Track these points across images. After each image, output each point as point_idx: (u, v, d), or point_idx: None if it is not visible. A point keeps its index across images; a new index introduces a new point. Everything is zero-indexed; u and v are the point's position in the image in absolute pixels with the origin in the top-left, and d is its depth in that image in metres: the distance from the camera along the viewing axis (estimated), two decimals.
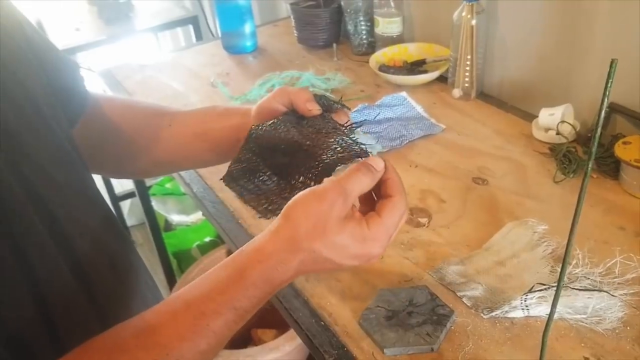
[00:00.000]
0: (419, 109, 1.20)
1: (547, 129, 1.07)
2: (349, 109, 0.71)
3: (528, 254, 0.81)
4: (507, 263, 0.80)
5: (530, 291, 0.73)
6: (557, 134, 1.05)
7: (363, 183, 0.54)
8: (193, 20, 2.14)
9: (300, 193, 0.53)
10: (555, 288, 0.73)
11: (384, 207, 0.54)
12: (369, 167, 0.54)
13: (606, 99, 0.39)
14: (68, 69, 0.66)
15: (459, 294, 0.76)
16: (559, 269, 0.77)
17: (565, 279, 0.75)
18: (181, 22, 2.15)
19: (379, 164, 0.55)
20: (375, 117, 1.18)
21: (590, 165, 0.42)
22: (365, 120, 1.17)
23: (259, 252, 0.52)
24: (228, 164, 0.74)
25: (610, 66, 0.38)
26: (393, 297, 0.76)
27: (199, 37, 2.16)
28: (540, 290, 0.73)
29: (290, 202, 0.53)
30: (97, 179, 2.06)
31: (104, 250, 0.59)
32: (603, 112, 0.40)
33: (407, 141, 1.11)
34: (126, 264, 0.65)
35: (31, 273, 0.47)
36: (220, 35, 1.62)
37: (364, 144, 0.60)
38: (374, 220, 0.54)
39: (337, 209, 0.51)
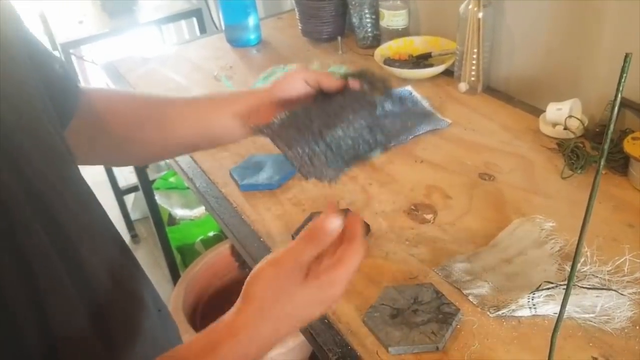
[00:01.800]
0: (425, 103, 1.19)
1: (554, 124, 1.05)
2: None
3: (535, 252, 0.80)
4: (514, 260, 0.79)
5: (537, 289, 0.72)
6: (565, 129, 1.03)
7: (314, 250, 0.54)
8: (197, 13, 2.12)
9: (255, 268, 0.54)
10: (563, 287, 0.72)
11: (345, 254, 0.54)
12: (318, 236, 0.53)
13: (620, 94, 0.38)
14: (58, 67, 0.65)
15: (465, 292, 0.75)
16: (567, 267, 0.76)
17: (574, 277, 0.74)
18: (185, 15, 2.14)
19: (333, 224, 0.53)
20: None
21: (602, 163, 0.41)
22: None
23: (230, 327, 0.51)
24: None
25: (625, 60, 0.37)
26: (398, 295, 0.75)
27: (202, 30, 2.14)
28: (548, 288, 0.72)
29: (247, 279, 0.53)
30: (101, 174, 2.04)
31: (103, 256, 0.57)
32: (616, 108, 0.39)
33: (413, 136, 1.09)
34: (125, 272, 0.63)
35: (33, 282, 0.46)
36: (224, 28, 1.60)
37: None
38: (335, 267, 0.54)
39: (294, 279, 0.52)
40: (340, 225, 0.54)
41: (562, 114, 1.03)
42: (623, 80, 0.37)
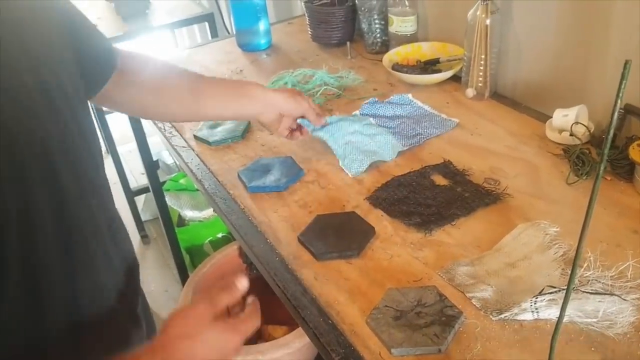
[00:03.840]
0: (427, 108, 1.20)
1: (560, 130, 1.05)
2: None
3: (539, 256, 0.80)
4: (518, 265, 0.80)
5: (540, 294, 0.72)
6: (571, 135, 1.03)
7: (225, 300, 0.65)
8: (209, 18, 2.15)
9: (176, 309, 0.65)
10: (565, 291, 0.73)
11: (251, 313, 0.68)
12: (230, 289, 0.66)
13: (619, 100, 0.39)
14: (95, 36, 0.78)
15: (468, 295, 0.76)
16: (570, 272, 0.76)
17: (576, 281, 0.75)
18: (197, 19, 2.16)
19: (242, 283, 0.67)
20: (386, 112, 1.18)
21: (602, 167, 0.41)
22: (376, 113, 1.18)
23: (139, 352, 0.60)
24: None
25: (624, 67, 0.38)
26: (402, 297, 0.76)
27: (214, 34, 2.16)
28: (551, 292, 0.72)
29: (168, 316, 0.63)
30: (114, 176, 2.06)
31: (119, 249, 0.68)
32: (616, 113, 0.40)
33: (425, 139, 1.10)
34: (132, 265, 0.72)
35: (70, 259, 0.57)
36: (234, 32, 1.62)
37: None
38: (242, 319, 0.66)
39: (204, 319, 0.62)
40: (247, 286, 0.67)
41: (568, 120, 1.04)
42: (623, 86, 0.38)
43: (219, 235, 2.07)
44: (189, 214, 2.17)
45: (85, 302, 0.61)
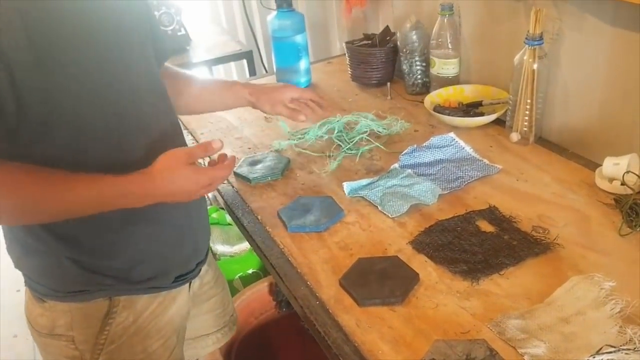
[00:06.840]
0: (469, 149, 1.18)
1: (611, 179, 1.02)
2: None
3: (594, 312, 0.77)
4: (572, 320, 0.76)
5: (598, 353, 0.68)
6: (622, 184, 1.00)
7: (201, 153, 0.84)
8: (247, 55, 2.18)
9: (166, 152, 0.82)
10: (625, 351, 0.69)
11: (219, 165, 0.86)
12: (206, 147, 0.83)
13: None
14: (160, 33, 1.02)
15: (520, 350, 0.72)
16: (629, 330, 0.72)
17: (636, 341, 0.71)
18: (237, 57, 2.20)
19: (217, 144, 0.83)
20: (425, 159, 1.16)
21: None
22: (416, 162, 1.15)
23: (128, 176, 0.79)
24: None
25: None
26: (449, 350, 0.72)
27: (252, 72, 2.20)
28: (610, 352, 0.68)
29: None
30: None
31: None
32: None
33: (466, 183, 1.08)
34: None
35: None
36: (275, 70, 1.64)
37: None
38: (211, 168, 0.86)
39: (182, 163, 0.80)
40: (221, 147, 0.83)
41: (619, 169, 1.00)
42: None
43: (250, 271, 2.06)
44: (220, 248, 2.16)
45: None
